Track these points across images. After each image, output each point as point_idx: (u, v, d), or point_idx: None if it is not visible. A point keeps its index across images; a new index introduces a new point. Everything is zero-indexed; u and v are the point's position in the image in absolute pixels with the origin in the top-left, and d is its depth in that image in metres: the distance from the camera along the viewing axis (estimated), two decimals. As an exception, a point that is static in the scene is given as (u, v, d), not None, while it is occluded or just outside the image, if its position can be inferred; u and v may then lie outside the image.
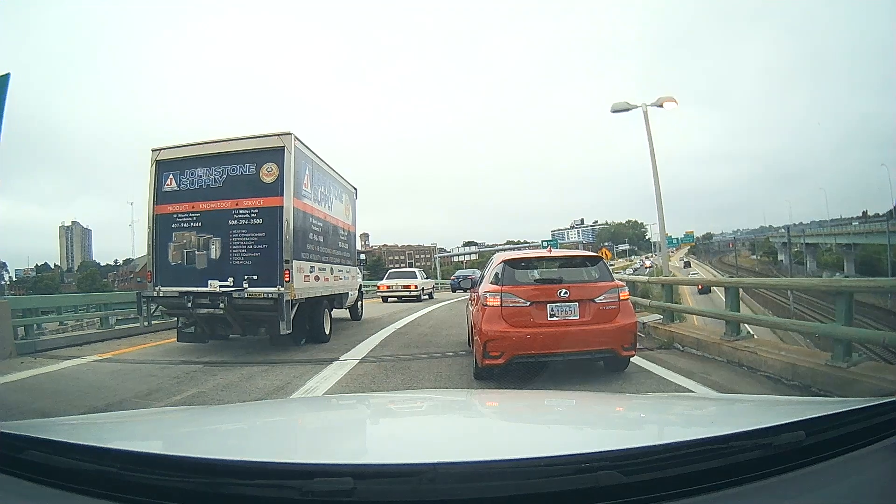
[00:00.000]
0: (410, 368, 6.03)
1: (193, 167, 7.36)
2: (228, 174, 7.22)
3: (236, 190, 7.17)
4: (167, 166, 7.46)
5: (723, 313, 6.66)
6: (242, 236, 7.11)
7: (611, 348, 4.94)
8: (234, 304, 6.94)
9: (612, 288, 5.08)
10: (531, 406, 2.01)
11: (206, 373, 6.10)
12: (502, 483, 0.91)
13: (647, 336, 7.83)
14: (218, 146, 7.37)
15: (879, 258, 41.78)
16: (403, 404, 2.17)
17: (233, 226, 7.13)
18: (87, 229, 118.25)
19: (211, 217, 7.20)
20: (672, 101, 12.81)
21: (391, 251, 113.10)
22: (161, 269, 7.39)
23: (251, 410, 2.24)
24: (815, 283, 8.00)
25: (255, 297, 6.92)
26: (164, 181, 7.45)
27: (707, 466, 0.96)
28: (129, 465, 1.01)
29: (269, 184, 7.06)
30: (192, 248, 7.25)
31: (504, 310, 4.91)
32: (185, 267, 7.26)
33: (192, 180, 7.36)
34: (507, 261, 5.41)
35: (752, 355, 5.37)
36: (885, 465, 1.06)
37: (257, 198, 7.09)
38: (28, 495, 1.04)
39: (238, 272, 7.03)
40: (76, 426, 1.61)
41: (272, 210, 7.02)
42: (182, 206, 7.34)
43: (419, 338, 8.65)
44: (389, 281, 20.33)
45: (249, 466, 0.98)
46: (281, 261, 6.95)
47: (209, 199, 7.25)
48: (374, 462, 1.11)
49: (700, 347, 6.46)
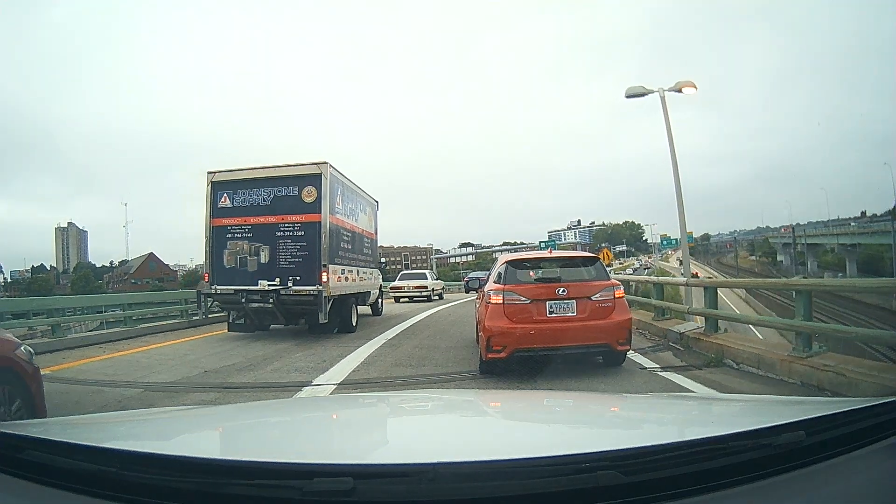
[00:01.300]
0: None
1: (245, 188, 8.99)
2: (275, 194, 8.85)
3: (281, 207, 8.79)
4: (221, 186, 9.08)
5: (792, 323, 5.33)
6: (287, 245, 8.74)
7: (606, 343, 5.24)
8: (281, 300, 8.55)
9: (607, 287, 5.41)
10: (531, 406, 2.02)
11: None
12: (502, 483, 0.91)
13: (686, 350, 6.74)
14: (265, 171, 9.00)
15: (882, 258, 41.68)
16: (403, 404, 2.17)
17: (279, 236, 8.76)
18: (83, 230, 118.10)
19: (260, 229, 8.84)
20: (691, 87, 11.56)
21: (387, 252, 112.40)
22: (217, 271, 8.99)
23: (251, 410, 2.24)
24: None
25: (298, 294, 8.54)
26: (219, 199, 9.08)
27: (707, 466, 0.95)
28: (129, 465, 1.01)
29: (309, 203, 8.70)
30: (245, 254, 8.87)
31: (506, 307, 5.22)
32: (238, 269, 8.86)
33: (243, 199, 8.99)
34: (509, 261, 5.81)
35: (837, 377, 4.30)
36: (885, 465, 1.06)
37: (299, 214, 8.73)
38: (28, 495, 1.04)
39: (284, 274, 8.62)
40: (76, 426, 1.61)
41: (312, 224, 8.66)
42: (235, 220, 8.98)
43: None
44: (402, 282, 21.81)
45: (249, 466, 0.98)
46: (319, 265, 8.56)
47: (258, 214, 8.88)
48: (375, 462, 1.11)
49: (762, 365, 5.26)
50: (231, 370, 6.37)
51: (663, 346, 7.27)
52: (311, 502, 0.90)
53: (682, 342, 6.98)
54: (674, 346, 7.12)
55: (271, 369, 6.38)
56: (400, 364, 6.50)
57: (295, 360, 6.88)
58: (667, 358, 6.37)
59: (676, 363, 6.06)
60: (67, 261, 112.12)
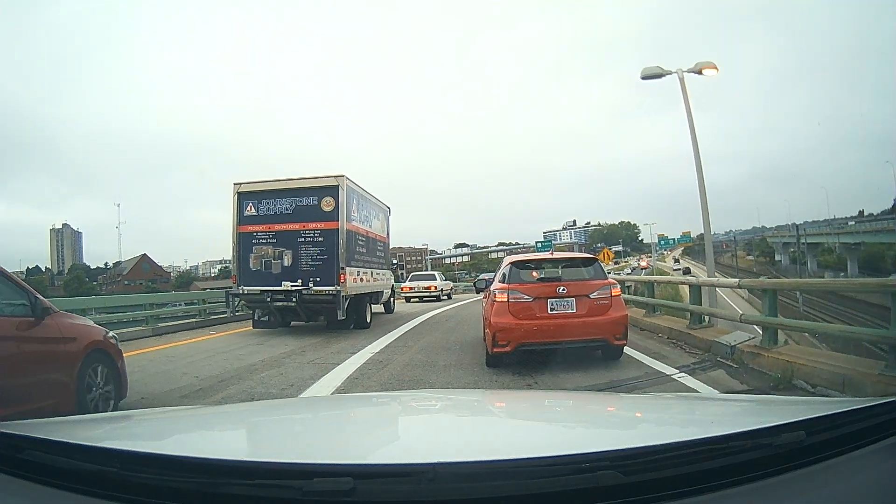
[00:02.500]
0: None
1: (268, 198, 9.89)
2: (296, 204, 9.77)
3: (303, 215, 9.71)
4: (247, 196, 9.98)
5: (886, 335, 4.17)
6: (308, 250, 9.63)
7: (604, 338, 5.61)
8: (303, 299, 9.41)
9: (605, 285, 5.77)
10: (531, 406, 2.02)
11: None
12: (502, 483, 0.91)
13: (742, 367, 5.50)
14: (287, 183, 9.92)
15: (884, 257, 41.51)
16: (403, 404, 2.17)
17: (300, 242, 9.65)
18: (78, 232, 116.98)
19: (283, 235, 9.72)
20: (712, 69, 10.79)
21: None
22: (244, 273, 9.87)
23: (251, 410, 2.25)
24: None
25: (318, 293, 9.41)
26: (244, 208, 9.97)
27: (707, 466, 0.95)
28: (129, 465, 1.01)
29: (328, 212, 9.62)
30: (269, 258, 9.72)
31: (510, 304, 5.60)
32: (263, 272, 9.72)
33: (267, 208, 9.88)
34: (513, 262, 6.19)
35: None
36: (885, 465, 1.06)
37: (319, 222, 9.64)
38: (28, 495, 1.04)
39: (305, 276, 9.50)
40: (76, 426, 1.61)
41: (330, 231, 9.57)
42: (260, 227, 9.85)
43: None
44: (412, 283, 23.00)
45: (249, 466, 0.98)
46: (337, 267, 9.43)
47: (281, 222, 9.76)
48: (374, 462, 1.11)
49: (849, 386, 4.14)
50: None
51: (710, 362, 6.01)
52: (311, 502, 0.90)
53: (735, 358, 5.78)
54: (724, 362, 5.85)
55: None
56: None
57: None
58: (721, 379, 5.25)
59: (737, 386, 4.99)
60: (62, 262, 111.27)
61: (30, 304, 3.66)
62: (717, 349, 6.25)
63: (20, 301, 3.65)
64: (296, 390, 5.22)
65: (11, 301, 3.61)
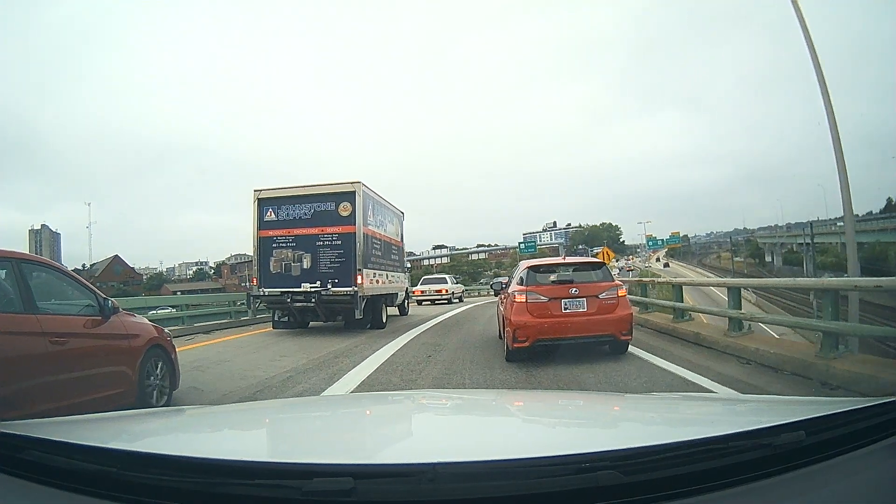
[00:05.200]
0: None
1: (288, 204, 10.27)
2: (315, 209, 10.18)
3: (321, 220, 10.12)
4: (266, 202, 10.35)
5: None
6: (326, 253, 10.02)
7: (611, 334, 6.11)
8: (322, 300, 9.80)
9: (612, 287, 6.34)
10: (532, 406, 2.02)
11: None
12: (502, 483, 0.91)
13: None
14: (306, 189, 10.32)
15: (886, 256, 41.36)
16: (404, 404, 2.17)
17: (319, 245, 10.04)
18: (57, 233, 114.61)
19: (302, 239, 10.12)
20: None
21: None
22: (264, 275, 10.24)
23: (251, 410, 2.25)
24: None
25: (337, 294, 9.81)
26: (265, 213, 10.34)
27: (707, 466, 0.95)
28: (129, 465, 1.01)
29: (345, 217, 10.03)
30: (289, 261, 10.09)
31: (529, 304, 6.12)
32: (283, 274, 10.07)
33: (287, 213, 10.27)
34: (530, 267, 6.76)
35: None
36: (885, 465, 1.06)
37: (336, 226, 10.03)
38: (28, 495, 1.04)
39: (324, 277, 9.90)
40: (76, 426, 1.61)
41: (348, 235, 9.95)
42: (280, 232, 10.24)
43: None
44: (424, 286, 23.22)
45: (249, 466, 0.98)
46: (355, 269, 9.82)
47: (301, 227, 10.15)
48: (374, 462, 1.11)
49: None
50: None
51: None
52: (311, 502, 0.90)
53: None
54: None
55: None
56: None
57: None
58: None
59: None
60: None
61: (98, 305, 4.07)
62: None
63: (89, 302, 4.07)
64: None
65: (83, 302, 4.06)
